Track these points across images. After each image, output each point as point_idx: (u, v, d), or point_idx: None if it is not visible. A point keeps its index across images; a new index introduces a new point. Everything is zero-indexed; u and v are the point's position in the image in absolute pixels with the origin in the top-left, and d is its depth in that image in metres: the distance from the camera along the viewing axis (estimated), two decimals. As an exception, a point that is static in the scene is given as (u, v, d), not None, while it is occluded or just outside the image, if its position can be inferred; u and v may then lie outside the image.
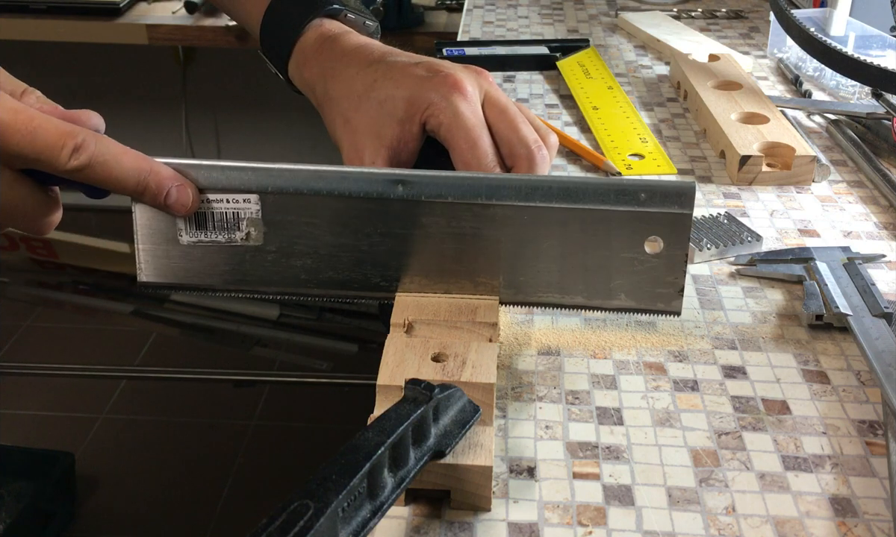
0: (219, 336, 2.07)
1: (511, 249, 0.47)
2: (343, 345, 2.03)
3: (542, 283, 0.48)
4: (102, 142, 0.44)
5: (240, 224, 0.47)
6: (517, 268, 0.47)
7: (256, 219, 0.47)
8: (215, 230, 0.47)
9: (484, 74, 0.55)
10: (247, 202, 0.46)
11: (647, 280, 0.46)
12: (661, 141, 0.79)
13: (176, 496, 1.68)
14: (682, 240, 0.45)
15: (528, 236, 0.46)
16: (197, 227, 0.47)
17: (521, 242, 0.46)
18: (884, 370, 0.48)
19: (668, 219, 0.44)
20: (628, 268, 0.46)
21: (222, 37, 1.68)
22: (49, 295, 2.22)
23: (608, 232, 0.45)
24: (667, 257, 0.46)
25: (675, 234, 0.45)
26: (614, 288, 0.47)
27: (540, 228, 0.46)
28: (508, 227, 0.46)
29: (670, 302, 0.47)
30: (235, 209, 0.47)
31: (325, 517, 0.32)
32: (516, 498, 0.42)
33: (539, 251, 0.47)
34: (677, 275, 0.46)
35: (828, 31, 0.93)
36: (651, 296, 0.47)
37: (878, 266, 0.60)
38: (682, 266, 0.46)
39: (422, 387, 0.40)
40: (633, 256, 0.46)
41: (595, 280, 0.47)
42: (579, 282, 0.47)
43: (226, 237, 0.47)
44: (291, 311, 2.10)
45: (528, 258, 0.47)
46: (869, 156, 0.74)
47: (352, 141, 0.54)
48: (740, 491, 0.42)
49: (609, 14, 1.16)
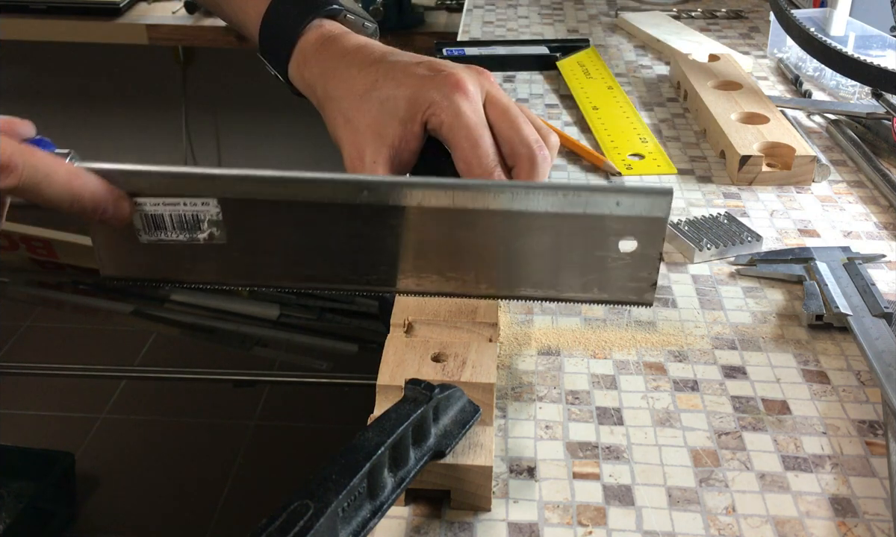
0: (219, 336, 2.06)
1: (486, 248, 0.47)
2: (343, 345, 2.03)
3: (514, 278, 0.47)
4: (32, 161, 0.40)
5: (200, 225, 0.46)
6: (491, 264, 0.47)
7: (218, 220, 0.46)
8: (175, 230, 0.46)
9: (485, 74, 0.55)
10: (206, 205, 0.45)
11: (620, 276, 0.47)
12: (661, 141, 0.79)
13: (176, 496, 1.68)
14: (657, 242, 0.45)
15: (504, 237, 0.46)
16: (155, 228, 0.46)
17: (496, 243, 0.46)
18: (884, 370, 0.48)
19: (643, 222, 0.45)
20: (602, 264, 0.46)
21: (222, 37, 1.68)
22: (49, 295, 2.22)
23: (583, 234, 0.45)
24: (641, 256, 0.46)
25: (649, 236, 0.45)
26: (587, 282, 0.47)
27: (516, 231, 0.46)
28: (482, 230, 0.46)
29: (642, 294, 0.47)
30: (194, 211, 0.45)
31: (325, 517, 0.32)
32: (516, 498, 0.42)
33: (514, 251, 0.47)
34: (650, 272, 0.46)
35: (828, 31, 0.93)
36: (624, 290, 0.47)
37: (878, 266, 0.60)
38: (656, 263, 0.46)
39: (422, 387, 0.40)
40: (606, 254, 0.46)
41: (568, 276, 0.47)
42: (552, 278, 0.47)
43: (187, 237, 0.46)
44: (291, 311, 2.10)
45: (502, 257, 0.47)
46: (869, 156, 0.74)
47: (353, 140, 0.54)
48: (740, 491, 0.42)
49: (609, 14, 1.16)
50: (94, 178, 0.43)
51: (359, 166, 0.53)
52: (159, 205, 0.45)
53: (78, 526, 1.60)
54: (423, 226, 0.46)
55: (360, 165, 0.53)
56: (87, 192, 0.43)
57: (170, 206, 0.45)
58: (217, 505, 1.65)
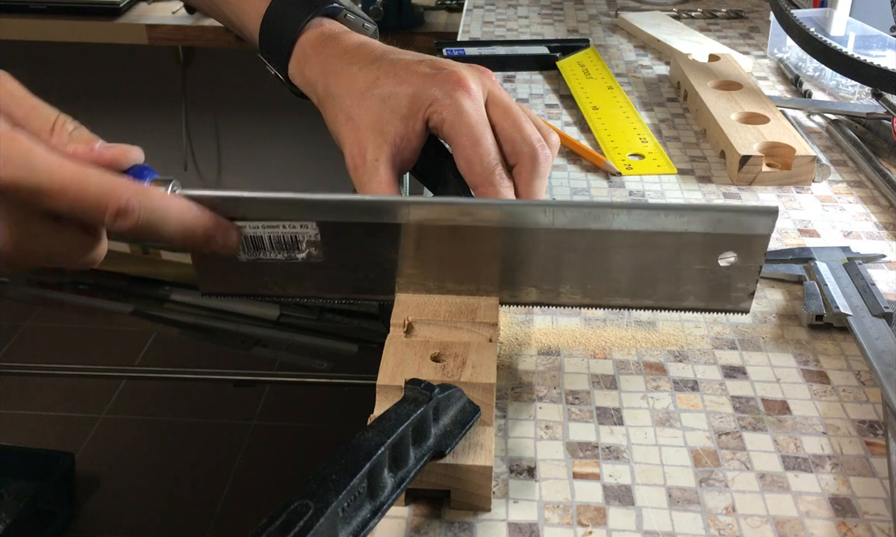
0: (219, 336, 2.07)
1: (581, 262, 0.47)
2: (343, 345, 2.03)
3: (611, 290, 0.48)
4: (147, 203, 0.40)
5: (299, 245, 0.46)
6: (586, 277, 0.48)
7: (317, 241, 0.46)
8: (273, 250, 0.46)
9: (487, 73, 0.55)
10: (304, 227, 0.46)
11: (718, 287, 0.47)
12: (661, 141, 0.79)
13: (176, 496, 1.68)
14: (758, 256, 0.46)
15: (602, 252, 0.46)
16: (255, 248, 0.46)
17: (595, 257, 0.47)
18: (884, 370, 0.48)
19: (746, 239, 0.45)
20: (700, 277, 0.47)
21: (222, 37, 1.68)
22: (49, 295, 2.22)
23: (684, 250, 0.46)
24: (740, 268, 0.46)
25: (750, 251, 0.46)
26: (685, 293, 0.48)
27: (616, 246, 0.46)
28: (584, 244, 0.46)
29: (739, 303, 0.48)
30: (293, 233, 0.46)
31: (325, 517, 0.32)
32: (516, 498, 0.42)
33: (610, 264, 0.47)
34: (749, 283, 0.47)
35: (828, 31, 0.93)
36: (721, 299, 0.48)
37: (878, 266, 0.60)
38: (755, 275, 0.47)
39: (422, 387, 0.40)
40: (705, 268, 0.46)
41: (666, 288, 0.48)
42: (650, 289, 0.48)
43: (285, 256, 0.47)
44: (291, 311, 2.10)
45: (597, 268, 0.47)
46: (869, 156, 0.74)
47: (354, 138, 0.54)
48: (740, 491, 0.42)
49: (609, 14, 1.16)
50: (203, 212, 0.44)
51: (360, 164, 0.53)
52: (259, 228, 0.46)
53: (78, 526, 1.60)
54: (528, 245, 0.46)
55: (361, 163, 0.53)
56: (199, 228, 0.43)
57: (269, 229, 0.46)
58: (217, 505, 1.65)
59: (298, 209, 0.45)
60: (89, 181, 0.39)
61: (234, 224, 0.45)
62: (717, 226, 0.45)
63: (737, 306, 0.48)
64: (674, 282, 0.47)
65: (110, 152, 0.41)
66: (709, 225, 0.45)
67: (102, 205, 0.39)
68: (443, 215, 0.45)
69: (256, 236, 0.46)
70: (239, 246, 0.46)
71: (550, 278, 0.48)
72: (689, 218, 0.45)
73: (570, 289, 0.48)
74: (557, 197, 0.69)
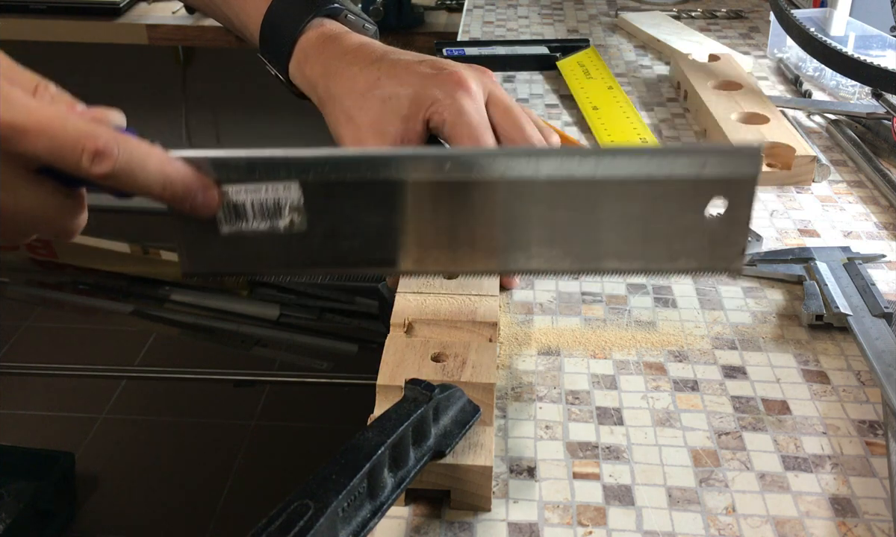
0: (219, 336, 2.07)
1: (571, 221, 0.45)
2: (343, 345, 2.03)
3: (600, 252, 0.46)
4: (126, 146, 0.40)
5: (281, 211, 0.45)
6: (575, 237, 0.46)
7: (299, 205, 0.45)
8: (255, 218, 0.45)
9: (488, 74, 0.55)
10: (287, 190, 0.45)
11: (708, 241, 0.45)
12: (661, 141, 0.79)
13: (176, 496, 1.68)
14: (747, 203, 0.44)
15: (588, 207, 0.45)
16: (237, 217, 0.45)
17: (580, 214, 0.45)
18: (884, 370, 0.48)
19: (733, 183, 0.44)
20: (689, 231, 0.45)
21: (222, 37, 1.68)
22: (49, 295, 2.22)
23: (670, 198, 0.44)
24: (729, 219, 0.45)
25: (739, 197, 0.44)
26: (675, 251, 0.46)
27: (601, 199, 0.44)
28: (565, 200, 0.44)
29: (731, 262, 0.46)
30: (276, 197, 0.45)
31: (325, 517, 0.32)
32: (516, 498, 0.42)
33: (597, 220, 0.45)
34: (739, 236, 0.45)
35: (828, 31, 0.93)
36: (712, 257, 0.46)
37: (878, 266, 0.60)
38: (745, 227, 0.45)
39: (422, 387, 0.40)
40: (694, 220, 0.44)
41: (656, 245, 0.46)
42: (639, 248, 0.46)
43: (267, 225, 0.46)
44: (291, 311, 2.10)
45: (586, 228, 0.45)
46: (869, 156, 0.74)
47: (355, 138, 0.54)
48: (740, 491, 0.42)
49: (609, 14, 1.16)
50: (184, 166, 0.43)
51: None
52: (241, 193, 0.45)
53: (78, 526, 1.60)
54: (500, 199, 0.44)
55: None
56: (178, 178, 0.43)
57: (252, 193, 0.45)
58: (217, 505, 1.65)
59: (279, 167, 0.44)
60: (67, 123, 0.39)
61: (214, 183, 0.44)
62: (701, 169, 0.43)
63: (729, 265, 0.46)
64: (662, 240, 0.45)
65: (90, 112, 0.41)
66: (693, 167, 0.43)
67: (80, 146, 0.39)
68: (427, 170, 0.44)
69: (239, 203, 0.45)
70: (219, 205, 0.45)
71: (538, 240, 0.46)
72: (672, 160, 0.43)
73: (559, 253, 0.46)
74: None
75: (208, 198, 0.44)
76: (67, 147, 0.39)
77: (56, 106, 0.40)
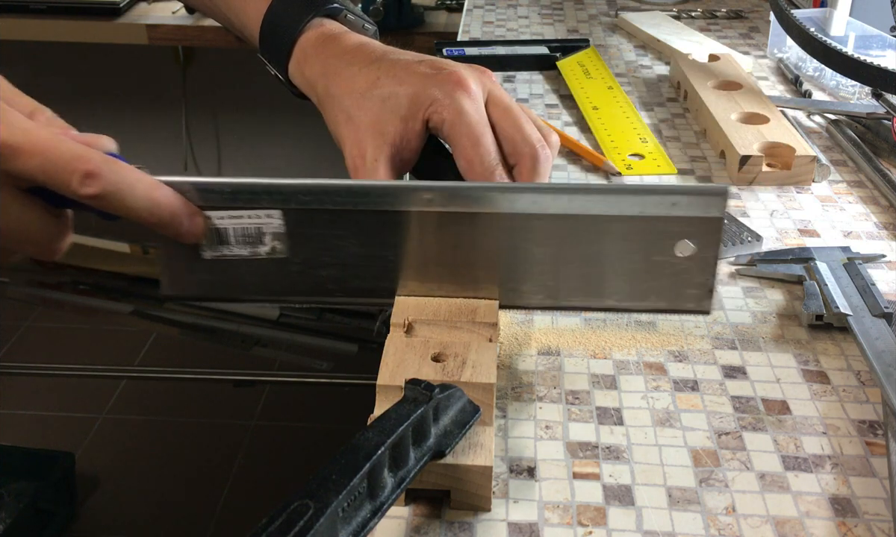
0: (219, 336, 2.06)
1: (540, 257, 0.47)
2: (343, 345, 2.03)
3: (572, 287, 0.47)
4: (116, 169, 0.41)
5: (263, 238, 0.46)
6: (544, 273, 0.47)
7: (281, 232, 0.46)
8: (237, 244, 0.46)
9: (487, 73, 0.55)
10: (269, 217, 0.46)
11: (677, 282, 0.46)
12: (661, 141, 0.79)
13: (176, 496, 1.68)
14: (714, 243, 0.45)
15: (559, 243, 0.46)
16: (219, 243, 0.46)
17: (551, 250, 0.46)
18: (884, 370, 0.48)
19: (700, 222, 0.45)
20: (659, 270, 0.46)
21: (222, 37, 1.68)
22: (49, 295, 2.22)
23: (638, 237, 0.45)
24: (698, 259, 0.46)
25: (706, 237, 0.45)
26: (645, 290, 0.47)
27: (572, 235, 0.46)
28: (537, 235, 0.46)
29: (700, 301, 0.47)
30: (258, 224, 0.46)
31: (325, 517, 0.32)
32: (516, 498, 0.42)
33: (569, 257, 0.46)
34: (707, 277, 0.46)
35: (828, 31, 0.93)
36: (680, 297, 0.47)
37: (878, 266, 0.60)
38: (713, 268, 0.46)
39: (422, 387, 0.40)
40: (663, 260, 0.46)
41: (625, 283, 0.47)
42: (609, 286, 0.47)
43: (249, 251, 0.47)
44: (291, 311, 2.10)
45: (556, 263, 0.47)
46: (869, 156, 0.74)
47: (354, 138, 0.54)
48: (740, 491, 0.42)
49: (609, 14, 1.16)
50: (171, 192, 0.44)
51: (360, 164, 0.53)
52: (224, 219, 0.46)
53: (78, 526, 1.60)
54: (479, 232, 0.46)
55: (361, 164, 0.53)
56: (165, 204, 0.44)
57: (234, 220, 0.46)
58: (217, 505, 1.65)
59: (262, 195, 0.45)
60: (61, 145, 0.40)
61: (200, 211, 0.45)
62: (671, 209, 0.44)
63: (698, 304, 0.47)
64: (632, 278, 0.46)
65: (83, 137, 0.42)
66: (663, 206, 0.44)
67: (71, 167, 0.40)
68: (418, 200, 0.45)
69: (222, 228, 0.46)
70: (204, 233, 0.46)
71: (513, 274, 0.47)
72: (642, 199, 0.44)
73: (530, 287, 0.47)
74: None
75: (194, 226, 0.45)
76: (60, 167, 0.40)
77: (50, 129, 0.41)
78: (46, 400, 1.91)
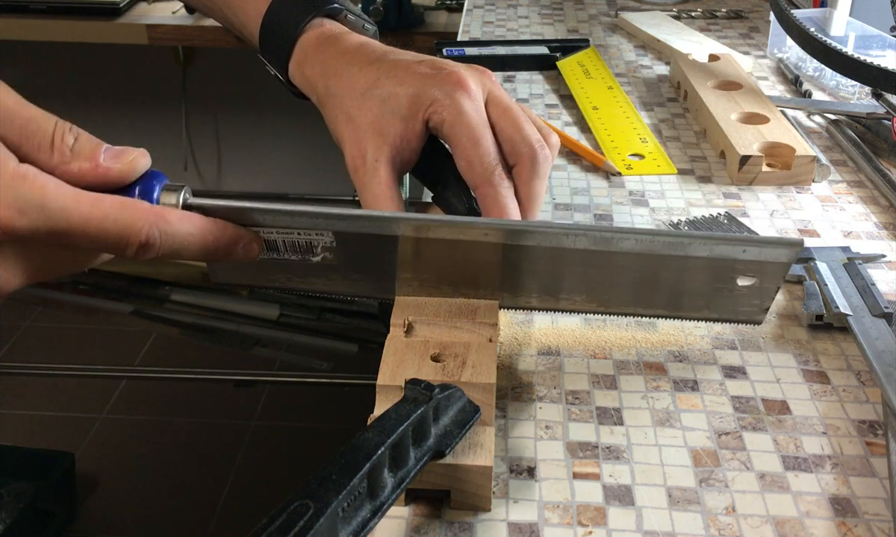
0: (219, 336, 2.07)
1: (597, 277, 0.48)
2: (343, 345, 2.03)
3: (627, 300, 0.49)
4: (167, 228, 0.41)
5: (314, 249, 0.47)
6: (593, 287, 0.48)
7: (332, 246, 0.47)
8: (288, 252, 0.47)
9: (487, 74, 0.55)
10: (320, 235, 0.46)
11: (735, 302, 0.48)
12: (661, 141, 0.79)
13: (176, 496, 1.68)
14: (777, 279, 0.46)
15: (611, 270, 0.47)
16: (268, 249, 0.47)
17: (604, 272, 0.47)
18: (884, 370, 0.48)
19: (767, 265, 0.46)
20: (719, 293, 0.48)
21: (222, 37, 1.68)
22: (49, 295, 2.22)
23: (705, 272, 0.46)
24: (759, 289, 0.47)
25: (770, 276, 0.46)
26: (701, 305, 0.48)
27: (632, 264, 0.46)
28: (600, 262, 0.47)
29: (753, 316, 0.49)
30: (308, 239, 0.46)
31: (325, 517, 0.32)
32: (516, 498, 0.42)
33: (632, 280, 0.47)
34: (766, 300, 0.48)
35: (828, 31, 0.93)
36: (736, 313, 0.49)
37: (878, 266, 0.60)
38: (773, 294, 0.47)
39: (422, 387, 0.40)
40: (724, 287, 0.47)
41: (684, 300, 0.48)
42: (665, 301, 0.49)
43: (299, 257, 0.47)
44: (291, 311, 2.10)
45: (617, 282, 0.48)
46: (869, 156, 0.74)
47: (354, 138, 0.54)
48: (740, 491, 0.42)
49: (609, 14, 1.16)
50: (223, 228, 0.44)
51: (360, 165, 0.53)
52: (273, 233, 0.46)
53: (78, 526, 1.60)
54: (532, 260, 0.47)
55: (361, 164, 0.53)
56: (221, 246, 0.44)
57: (283, 234, 0.46)
58: (217, 505, 1.65)
59: (313, 220, 0.46)
60: (107, 218, 0.39)
61: (255, 234, 0.46)
62: (741, 254, 0.45)
63: (750, 318, 0.49)
64: (691, 296, 0.48)
65: (117, 167, 0.41)
66: (734, 252, 0.45)
67: (123, 243, 0.39)
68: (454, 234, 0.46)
69: (271, 240, 0.46)
70: (259, 255, 0.46)
71: (552, 289, 0.48)
72: (712, 246, 0.45)
73: (572, 297, 0.49)
74: (557, 197, 0.69)
75: (249, 252, 0.46)
76: (111, 243, 0.39)
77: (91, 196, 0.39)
78: (46, 400, 1.91)
